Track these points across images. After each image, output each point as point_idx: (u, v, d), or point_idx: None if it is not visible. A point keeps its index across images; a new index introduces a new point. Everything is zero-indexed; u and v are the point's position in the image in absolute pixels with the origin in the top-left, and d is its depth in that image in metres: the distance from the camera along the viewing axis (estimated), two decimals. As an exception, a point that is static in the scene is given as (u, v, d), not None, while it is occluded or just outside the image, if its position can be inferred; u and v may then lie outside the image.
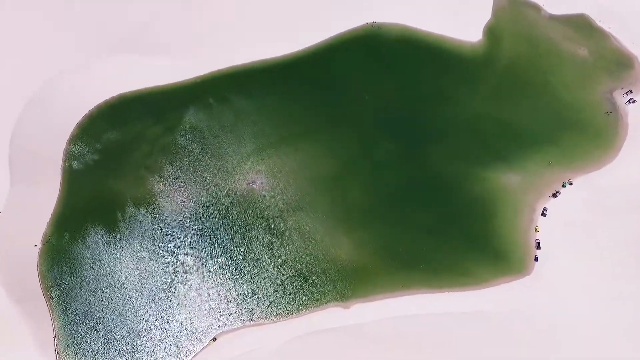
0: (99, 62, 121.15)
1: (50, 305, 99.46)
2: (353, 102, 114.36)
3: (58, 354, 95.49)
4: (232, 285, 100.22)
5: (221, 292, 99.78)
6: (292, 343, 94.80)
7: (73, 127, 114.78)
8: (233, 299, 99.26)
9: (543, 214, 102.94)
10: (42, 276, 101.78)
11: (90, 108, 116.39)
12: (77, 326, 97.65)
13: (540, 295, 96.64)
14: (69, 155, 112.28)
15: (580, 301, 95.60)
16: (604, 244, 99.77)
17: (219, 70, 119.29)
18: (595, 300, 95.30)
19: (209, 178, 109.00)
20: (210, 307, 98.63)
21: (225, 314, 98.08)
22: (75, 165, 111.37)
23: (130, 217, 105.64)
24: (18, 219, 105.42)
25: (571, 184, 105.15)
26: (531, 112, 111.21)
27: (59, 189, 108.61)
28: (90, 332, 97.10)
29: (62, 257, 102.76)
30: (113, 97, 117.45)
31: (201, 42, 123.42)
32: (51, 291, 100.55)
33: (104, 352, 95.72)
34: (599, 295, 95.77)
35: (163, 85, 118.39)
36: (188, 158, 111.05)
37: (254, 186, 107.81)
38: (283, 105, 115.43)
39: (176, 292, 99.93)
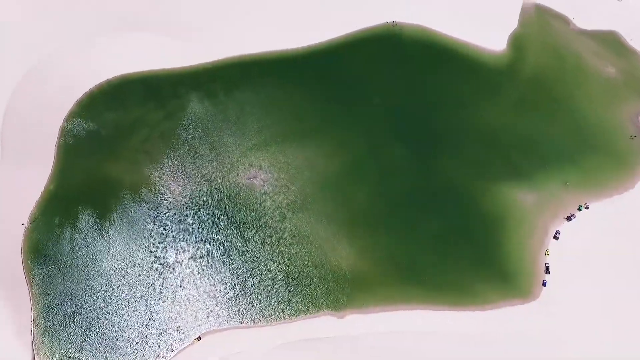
0: (105, 39, 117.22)
1: (31, 288, 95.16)
2: (366, 102, 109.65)
3: (34, 340, 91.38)
4: (223, 287, 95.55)
5: (211, 293, 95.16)
6: (280, 349, 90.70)
7: (72, 104, 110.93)
8: (223, 301, 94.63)
9: (555, 237, 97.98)
10: (26, 257, 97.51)
11: (92, 86, 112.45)
12: (56, 312, 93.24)
13: (545, 322, 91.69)
14: (65, 133, 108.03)
15: (587, 333, 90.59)
16: (616, 275, 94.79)
17: (228, 58, 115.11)
18: (604, 334, 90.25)
19: (207, 170, 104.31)
20: (198, 307, 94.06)
21: (213, 316, 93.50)
22: (70, 143, 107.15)
23: (122, 204, 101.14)
24: (6, 195, 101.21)
25: (587, 208, 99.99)
26: (552, 129, 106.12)
27: (51, 168, 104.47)
28: (70, 320, 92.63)
29: (49, 238, 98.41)
30: (116, 77, 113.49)
31: (213, 26, 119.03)
32: (33, 273, 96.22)
33: (82, 343, 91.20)
34: (607, 329, 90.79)
35: (169, 69, 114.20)
36: (188, 147, 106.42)
37: (255, 182, 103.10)
38: (292, 100, 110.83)
39: (163, 289, 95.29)
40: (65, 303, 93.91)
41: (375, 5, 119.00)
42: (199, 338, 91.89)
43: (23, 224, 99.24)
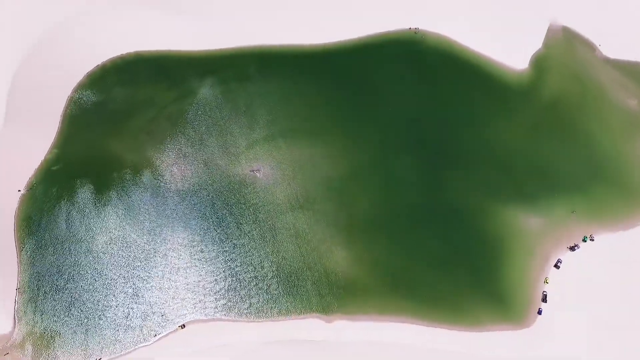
0: (123, 13, 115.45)
1: (20, 256, 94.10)
2: (379, 108, 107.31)
3: (17, 308, 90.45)
4: (213, 278, 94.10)
5: (201, 283, 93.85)
6: (264, 346, 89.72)
7: (83, 75, 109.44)
8: (212, 292, 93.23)
9: (556, 266, 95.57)
10: (18, 224, 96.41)
11: (104, 60, 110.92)
12: (43, 284, 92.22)
13: (535, 350, 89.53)
14: (72, 103, 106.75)
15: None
16: (614, 314, 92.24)
17: (246, 47, 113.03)
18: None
19: (211, 158, 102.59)
20: (186, 295, 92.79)
21: (200, 306, 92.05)
22: (76, 114, 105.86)
23: (121, 182, 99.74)
24: (5, 160, 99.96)
25: (592, 240, 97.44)
26: (566, 155, 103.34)
27: (54, 137, 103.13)
28: (55, 294, 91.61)
29: (43, 209, 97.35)
30: (130, 53, 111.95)
31: (235, 13, 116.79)
32: (24, 242, 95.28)
33: (64, 318, 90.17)
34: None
35: (184, 51, 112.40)
36: (193, 133, 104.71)
37: (257, 174, 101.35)
38: (304, 97, 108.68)
39: (152, 273, 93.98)
40: (52, 276, 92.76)
41: (399, 9, 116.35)
42: (183, 326, 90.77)
43: (19, 191, 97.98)
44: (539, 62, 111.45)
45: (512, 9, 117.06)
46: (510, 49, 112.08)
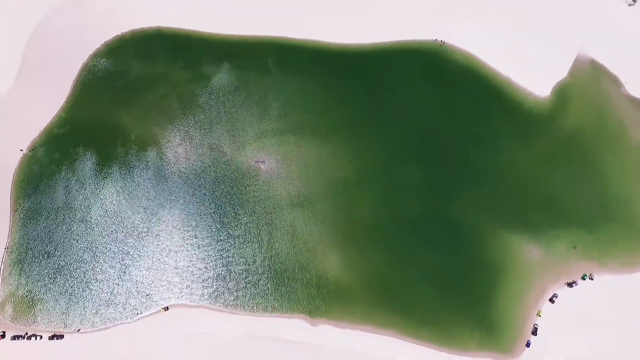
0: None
1: (14, 217, 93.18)
2: (393, 115, 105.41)
3: (3, 267, 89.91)
4: (204, 265, 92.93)
5: (190, 269, 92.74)
6: (245, 340, 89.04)
7: (101, 43, 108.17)
8: (200, 279, 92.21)
9: (551, 300, 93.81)
10: (16, 184, 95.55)
11: (124, 31, 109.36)
12: (32, 247, 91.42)
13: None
14: (87, 70, 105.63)
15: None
16: (603, 357, 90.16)
17: (269, 37, 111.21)
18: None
19: (217, 143, 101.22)
20: (173, 279, 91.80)
21: (187, 291, 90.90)
22: (88, 81, 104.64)
23: (123, 156, 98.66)
24: (12, 117, 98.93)
25: (592, 279, 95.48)
26: (577, 189, 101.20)
27: (63, 101, 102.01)
28: (43, 260, 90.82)
29: (43, 172, 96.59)
30: (151, 28, 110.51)
31: (265, 1, 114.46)
32: (20, 202, 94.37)
33: (49, 285, 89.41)
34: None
35: (206, 33, 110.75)
36: (203, 116, 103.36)
37: (262, 166, 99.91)
38: (320, 95, 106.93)
39: (142, 252, 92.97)
40: (43, 241, 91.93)
41: (428, 19, 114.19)
42: (166, 308, 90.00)
43: (22, 150, 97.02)
44: (562, 92, 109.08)
45: (542, 34, 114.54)
46: (535, 74, 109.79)
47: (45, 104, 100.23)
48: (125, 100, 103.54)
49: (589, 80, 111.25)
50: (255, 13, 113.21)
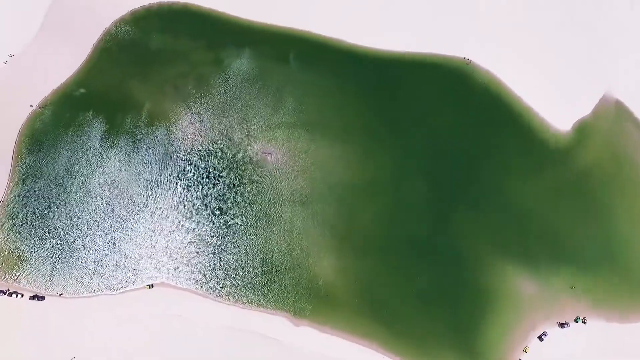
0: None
1: (13, 171, 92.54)
2: (408, 126, 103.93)
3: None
4: (195, 249, 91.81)
5: (181, 251, 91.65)
6: (223, 330, 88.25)
7: (127, 11, 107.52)
8: (190, 263, 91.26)
9: (540, 338, 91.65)
10: (21, 139, 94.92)
11: (152, 2, 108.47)
12: (27, 205, 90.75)
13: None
14: (108, 36, 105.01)
15: None
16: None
17: (296, 30, 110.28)
18: None
19: (228, 129, 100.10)
20: (163, 258, 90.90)
21: (174, 273, 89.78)
22: (108, 47, 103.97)
23: (132, 128, 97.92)
24: (27, 70, 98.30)
25: (585, 322, 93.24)
26: (582, 229, 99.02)
27: (80, 63, 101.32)
28: (36, 219, 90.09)
29: (49, 131, 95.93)
30: (179, 3, 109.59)
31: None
32: (21, 158, 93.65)
33: (37, 245, 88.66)
34: None
35: (234, 16, 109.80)
36: (217, 99, 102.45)
37: (268, 158, 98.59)
38: (338, 95, 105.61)
39: (135, 227, 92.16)
40: (38, 200, 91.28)
41: (458, 35, 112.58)
42: (151, 286, 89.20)
43: (31, 106, 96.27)
44: (583, 129, 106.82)
45: (571, 68, 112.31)
46: (557, 107, 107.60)
47: (62, 63, 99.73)
48: (142, 72, 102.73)
49: (611, 121, 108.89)
50: (285, 3, 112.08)
